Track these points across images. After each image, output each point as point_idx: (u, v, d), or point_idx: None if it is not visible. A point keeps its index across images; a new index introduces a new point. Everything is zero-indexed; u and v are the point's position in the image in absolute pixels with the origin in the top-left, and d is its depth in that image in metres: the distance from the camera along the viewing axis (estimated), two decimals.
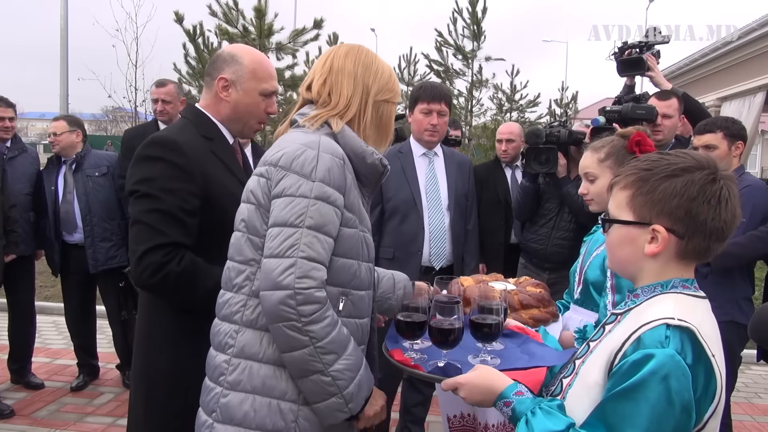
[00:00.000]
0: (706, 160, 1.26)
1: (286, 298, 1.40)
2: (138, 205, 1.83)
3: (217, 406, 1.52)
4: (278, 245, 1.43)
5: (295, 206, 1.44)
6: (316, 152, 1.49)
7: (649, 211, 1.26)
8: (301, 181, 1.46)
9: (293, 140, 1.55)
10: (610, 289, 2.03)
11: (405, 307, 1.67)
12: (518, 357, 1.60)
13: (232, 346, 1.53)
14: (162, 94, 4.34)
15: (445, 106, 3.27)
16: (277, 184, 1.49)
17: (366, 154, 1.61)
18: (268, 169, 1.52)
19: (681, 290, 1.26)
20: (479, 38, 9.65)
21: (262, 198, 1.53)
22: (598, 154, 2.19)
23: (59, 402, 4.15)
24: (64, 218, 4.33)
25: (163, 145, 1.88)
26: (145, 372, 1.95)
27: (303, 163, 1.47)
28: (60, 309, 5.97)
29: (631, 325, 1.22)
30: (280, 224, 1.45)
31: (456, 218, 3.33)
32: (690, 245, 1.24)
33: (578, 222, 3.45)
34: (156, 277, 1.77)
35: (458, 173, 3.40)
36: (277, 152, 1.53)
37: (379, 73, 1.68)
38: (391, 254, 3.21)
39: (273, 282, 1.41)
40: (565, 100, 11.51)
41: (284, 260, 1.41)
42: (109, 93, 10.35)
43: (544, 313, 2.01)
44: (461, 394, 1.40)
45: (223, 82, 2.00)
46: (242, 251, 1.55)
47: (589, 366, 1.28)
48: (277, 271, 1.41)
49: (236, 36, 7.78)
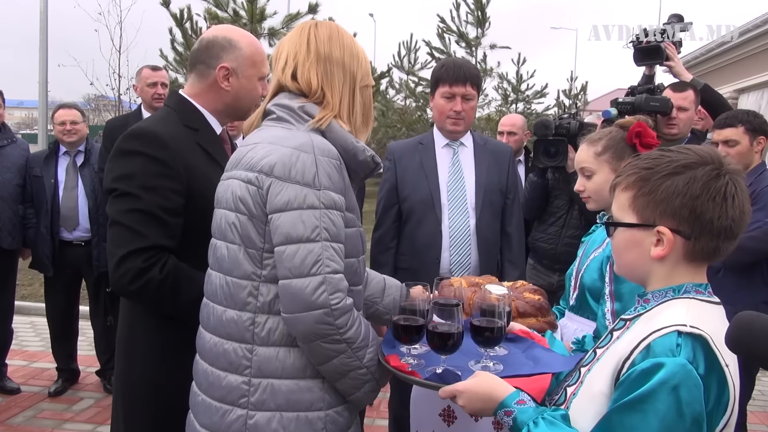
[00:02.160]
0: (709, 154, 1.25)
1: (323, 316, 1.45)
2: (116, 205, 1.81)
3: (245, 428, 1.53)
4: (300, 263, 1.45)
5: (307, 220, 1.46)
6: (313, 156, 1.49)
7: (653, 212, 1.26)
8: (306, 191, 1.46)
9: (279, 140, 1.53)
10: (609, 296, 1.96)
11: (402, 310, 1.66)
12: (522, 363, 1.59)
13: (248, 367, 1.54)
14: (161, 77, 4.31)
15: (472, 89, 2.93)
16: (277, 195, 1.47)
17: (357, 150, 1.60)
18: (258, 176, 1.50)
19: (694, 295, 1.26)
20: (483, 25, 9.65)
21: (254, 208, 1.51)
22: (594, 147, 2.12)
23: (36, 408, 4.14)
24: (65, 214, 4.28)
25: (141, 137, 1.84)
26: (128, 379, 1.94)
27: (303, 171, 1.47)
28: (38, 309, 5.96)
29: (641, 331, 1.22)
30: (295, 241, 1.45)
31: (486, 220, 2.97)
32: (698, 246, 1.24)
33: (587, 220, 3.41)
34: (136, 284, 1.75)
35: (492, 165, 3.03)
36: (265, 157, 1.51)
37: (360, 57, 1.67)
38: (407, 263, 2.97)
39: (306, 303, 1.45)
40: (574, 90, 11.51)
41: (312, 279, 1.44)
42: (91, 80, 10.40)
43: (542, 323, 1.92)
44: (460, 402, 1.40)
45: (224, 71, 1.97)
46: (240, 266, 1.54)
47: (595, 374, 1.28)
48: (308, 291, 1.44)
49: (226, 20, 7.77)
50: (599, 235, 2.18)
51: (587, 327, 2.07)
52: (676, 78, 3.60)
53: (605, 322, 1.92)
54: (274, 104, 1.66)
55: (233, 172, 1.61)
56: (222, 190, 1.65)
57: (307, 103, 1.62)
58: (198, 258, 1.82)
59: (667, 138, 3.38)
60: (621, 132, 2.11)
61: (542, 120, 3.58)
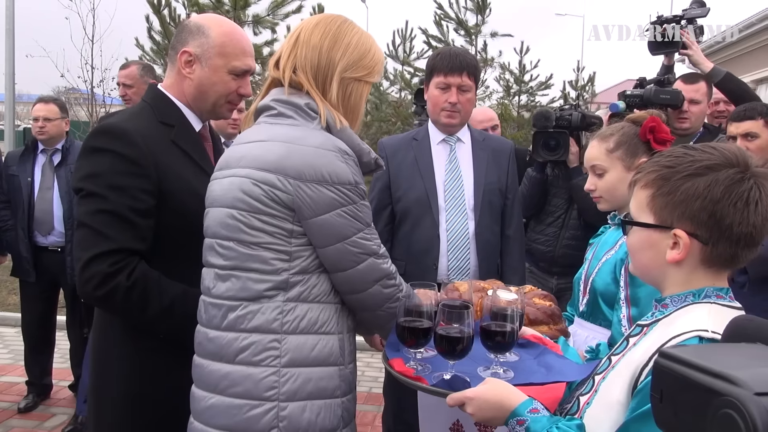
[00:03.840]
0: (736, 156, 1.25)
1: (386, 281, 1.70)
2: (82, 206, 1.80)
3: (278, 421, 1.59)
4: (357, 252, 1.65)
5: (354, 215, 1.63)
6: (338, 154, 1.61)
7: (670, 214, 1.27)
8: (342, 188, 1.60)
9: (296, 140, 1.61)
10: (625, 300, 1.96)
11: (408, 311, 1.66)
12: (534, 370, 1.61)
13: (277, 357, 1.61)
14: (122, 77, 4.30)
15: (469, 79, 2.88)
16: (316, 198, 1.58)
17: (363, 152, 1.70)
18: (280, 178, 1.57)
19: (715, 300, 1.27)
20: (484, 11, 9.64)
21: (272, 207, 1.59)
22: (606, 144, 2.12)
23: (5, 425, 4.12)
24: (39, 217, 4.24)
25: (109, 133, 1.83)
26: (100, 391, 1.93)
27: (336, 171, 1.59)
28: (6, 319, 5.94)
29: (660, 337, 1.23)
30: (348, 236, 1.62)
31: (486, 221, 2.95)
32: (715, 252, 1.25)
33: (585, 220, 3.39)
34: (102, 290, 1.73)
35: (492, 163, 3.01)
36: (286, 158, 1.59)
37: (351, 46, 1.72)
38: (402, 269, 2.89)
39: (370, 280, 1.67)
40: (580, 81, 11.50)
41: (368, 258, 1.67)
42: (61, 72, 10.29)
43: (554, 330, 1.91)
44: (469, 410, 1.41)
45: (186, 56, 1.95)
46: (267, 261, 1.62)
47: (610, 382, 1.29)
48: (370, 269, 1.67)
49: (207, 7, 7.75)
50: (610, 236, 2.18)
51: (599, 334, 2.07)
52: (694, 67, 3.57)
53: (621, 329, 1.92)
54: (272, 100, 1.72)
55: (234, 170, 1.65)
56: (219, 189, 1.68)
57: (311, 100, 1.68)
58: (172, 262, 1.82)
59: (678, 133, 3.38)
60: (634, 127, 2.12)
61: (542, 111, 3.55)
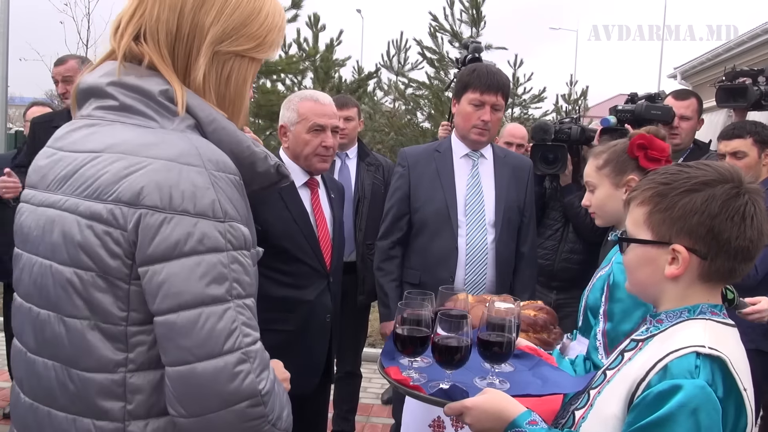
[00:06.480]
0: (729, 172, 1.28)
1: (249, 409, 1.09)
2: None
3: None
4: (206, 337, 1.05)
5: (209, 270, 1.07)
6: (205, 171, 1.09)
7: (668, 230, 1.29)
8: (202, 224, 1.06)
9: (141, 149, 1.09)
10: (603, 315, 1.97)
11: (404, 320, 1.65)
12: (530, 381, 1.62)
13: None
14: (62, 72, 3.97)
15: (502, 99, 2.92)
16: (156, 235, 1.05)
17: (257, 159, 1.22)
18: (116, 209, 1.06)
19: (710, 316, 1.29)
20: (479, 24, 9.69)
21: (107, 259, 1.08)
22: (596, 161, 2.14)
23: None
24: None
25: None
26: None
27: (193, 195, 1.06)
28: None
29: (656, 352, 1.25)
30: (194, 305, 1.06)
31: (504, 238, 2.95)
32: (714, 266, 1.27)
33: (579, 236, 3.42)
34: None
35: (512, 180, 3.01)
36: (125, 177, 1.07)
37: (230, 5, 1.20)
38: (417, 278, 2.91)
39: (223, 396, 1.07)
40: (573, 95, 11.58)
41: (228, 357, 1.06)
42: None
43: (533, 339, 1.97)
44: (467, 420, 1.42)
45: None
46: (92, 352, 1.10)
47: (606, 396, 1.31)
48: (224, 377, 1.06)
49: None
50: (612, 252, 2.18)
51: None
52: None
53: (595, 342, 1.93)
54: (110, 83, 1.17)
55: (56, 198, 1.14)
56: (34, 224, 1.17)
57: (170, 87, 1.16)
58: None
59: None
60: (625, 145, 2.13)
61: (541, 123, 3.53)
